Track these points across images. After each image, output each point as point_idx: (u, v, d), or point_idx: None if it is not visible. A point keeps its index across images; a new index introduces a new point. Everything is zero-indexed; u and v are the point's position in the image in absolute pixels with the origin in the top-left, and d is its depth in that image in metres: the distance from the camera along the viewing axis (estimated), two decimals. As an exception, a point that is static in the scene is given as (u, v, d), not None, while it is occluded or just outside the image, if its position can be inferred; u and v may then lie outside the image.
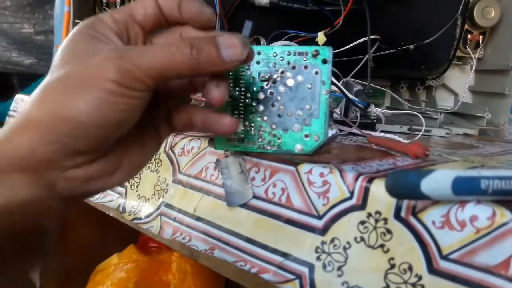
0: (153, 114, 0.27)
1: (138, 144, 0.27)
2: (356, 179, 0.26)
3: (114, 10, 0.26)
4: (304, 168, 0.29)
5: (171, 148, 0.38)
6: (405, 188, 0.21)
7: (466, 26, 0.61)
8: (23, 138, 0.22)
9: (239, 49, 0.24)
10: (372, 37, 0.51)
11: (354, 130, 0.45)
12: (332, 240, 0.27)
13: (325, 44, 0.50)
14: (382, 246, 0.24)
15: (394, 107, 0.66)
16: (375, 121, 0.52)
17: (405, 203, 0.24)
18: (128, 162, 0.26)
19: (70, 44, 0.24)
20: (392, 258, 0.24)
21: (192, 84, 0.28)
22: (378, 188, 0.25)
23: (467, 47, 0.64)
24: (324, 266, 0.27)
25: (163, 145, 0.38)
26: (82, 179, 0.24)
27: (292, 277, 0.28)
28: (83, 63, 0.22)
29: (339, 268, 0.26)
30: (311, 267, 0.27)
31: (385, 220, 0.24)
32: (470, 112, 0.64)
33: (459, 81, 0.68)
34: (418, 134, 0.50)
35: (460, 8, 0.54)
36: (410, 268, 0.23)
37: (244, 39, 0.24)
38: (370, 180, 0.25)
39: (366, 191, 0.25)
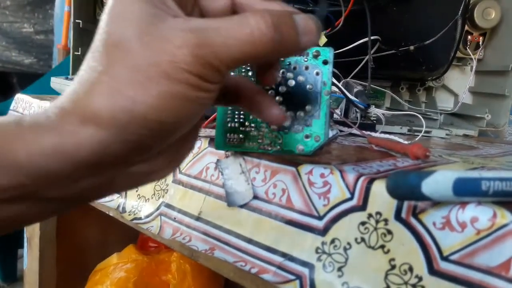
0: None
1: (193, 129, 0.24)
2: (357, 180, 0.26)
3: None
4: (304, 168, 0.29)
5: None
6: (406, 189, 0.21)
7: (466, 27, 0.61)
8: (91, 136, 0.19)
9: (315, 35, 0.21)
10: (372, 38, 0.51)
11: (355, 131, 0.45)
12: (333, 241, 0.27)
13: (326, 44, 0.50)
14: (382, 246, 0.24)
15: (394, 108, 0.66)
16: (375, 122, 0.52)
17: (405, 204, 0.24)
18: (183, 148, 0.24)
19: (124, 10, 0.20)
20: (392, 259, 0.24)
21: None
22: (379, 189, 0.25)
23: (467, 48, 0.64)
24: (325, 267, 0.27)
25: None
26: (143, 174, 0.22)
27: (293, 277, 0.28)
28: (149, 42, 0.19)
29: (340, 269, 0.26)
30: (311, 268, 0.27)
31: (386, 221, 0.24)
32: (470, 113, 0.64)
33: (459, 82, 0.68)
34: (418, 135, 0.50)
35: (461, 9, 0.54)
36: (411, 269, 0.23)
37: (318, 23, 0.22)
38: (371, 181, 0.26)
39: (366, 192, 0.25)
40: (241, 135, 0.32)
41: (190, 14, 0.23)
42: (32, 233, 0.68)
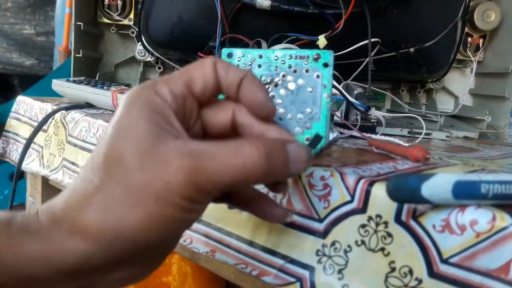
0: None
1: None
2: (357, 182, 0.26)
3: (170, 80, 0.23)
4: (305, 171, 0.29)
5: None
6: (406, 192, 0.22)
7: (466, 30, 0.61)
8: (76, 248, 0.19)
9: (304, 165, 0.23)
10: (372, 40, 0.51)
11: (355, 133, 0.45)
12: (333, 243, 0.27)
13: (326, 47, 0.50)
14: (382, 249, 0.24)
15: (394, 110, 0.66)
16: (375, 124, 0.52)
17: (405, 206, 0.24)
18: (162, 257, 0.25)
19: (127, 127, 0.21)
20: (392, 262, 0.24)
21: None
22: (379, 192, 0.25)
23: (467, 50, 0.64)
24: (325, 269, 0.27)
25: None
26: (122, 279, 0.22)
27: (293, 280, 0.28)
28: (147, 165, 0.20)
29: (340, 271, 0.26)
30: (311, 270, 0.27)
31: (386, 223, 0.24)
32: (470, 115, 0.65)
33: (459, 84, 0.68)
34: (418, 137, 0.50)
35: (461, 11, 0.54)
36: (411, 271, 0.23)
37: (310, 154, 0.23)
38: (371, 184, 0.26)
39: (367, 195, 0.26)
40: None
41: (193, 127, 0.24)
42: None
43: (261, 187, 0.28)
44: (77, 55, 0.60)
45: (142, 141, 0.20)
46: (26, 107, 0.63)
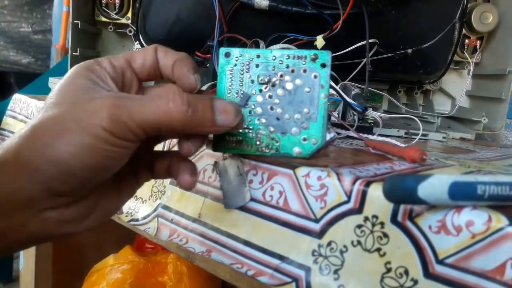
0: (135, 161, 0.27)
1: (116, 190, 0.28)
2: (354, 182, 0.26)
3: (113, 56, 0.27)
4: (301, 171, 0.29)
5: (170, 150, 0.38)
6: (402, 193, 0.22)
7: (464, 31, 0.62)
8: (8, 177, 0.22)
9: (232, 116, 0.26)
10: (370, 41, 0.51)
11: (352, 134, 0.45)
12: (329, 244, 0.27)
13: (324, 47, 0.50)
14: (378, 250, 0.24)
15: (391, 111, 0.66)
16: (372, 124, 0.52)
17: (401, 207, 0.24)
18: (102, 207, 0.27)
19: (67, 84, 0.24)
20: (388, 262, 0.24)
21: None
22: (375, 192, 0.25)
23: (464, 51, 0.64)
24: (321, 269, 0.27)
25: (161, 147, 0.38)
26: (55, 221, 0.24)
27: (289, 280, 0.28)
28: (78, 105, 0.23)
29: (336, 272, 0.26)
30: (307, 270, 0.27)
31: (382, 224, 0.24)
32: (467, 117, 0.65)
33: (457, 85, 0.68)
34: (415, 138, 0.51)
35: (458, 13, 0.54)
36: (406, 272, 0.23)
37: (238, 108, 0.26)
38: (368, 184, 0.26)
39: (363, 195, 0.26)
40: (238, 138, 0.32)
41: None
42: (28, 234, 0.67)
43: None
44: (74, 53, 0.60)
45: (78, 91, 0.24)
46: (22, 105, 0.62)
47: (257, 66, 0.32)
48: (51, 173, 0.22)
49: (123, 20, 0.65)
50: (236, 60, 0.32)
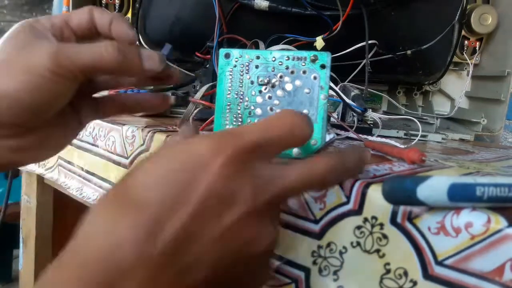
0: (77, 102, 0.32)
1: (62, 126, 0.31)
2: (353, 184, 0.26)
3: (52, 16, 0.31)
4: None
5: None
6: (402, 194, 0.22)
7: (463, 33, 0.62)
8: None
9: (156, 62, 0.29)
10: (370, 42, 0.51)
11: (351, 135, 0.45)
12: (328, 245, 0.27)
13: (324, 48, 0.50)
14: (378, 251, 0.24)
15: (391, 112, 0.66)
16: (371, 125, 0.52)
17: (401, 208, 0.24)
18: (52, 140, 0.31)
19: (11, 38, 0.28)
20: (387, 263, 0.24)
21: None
22: (375, 193, 0.25)
23: (464, 53, 0.64)
24: (320, 270, 0.27)
25: (156, 146, 0.38)
26: (10, 149, 0.29)
27: (288, 280, 0.28)
28: (23, 51, 0.27)
29: (335, 273, 0.26)
30: (307, 271, 0.27)
31: (381, 225, 0.24)
32: (466, 118, 0.65)
33: (456, 86, 0.68)
34: (414, 139, 0.51)
35: (458, 14, 0.54)
36: (406, 273, 0.23)
37: (162, 57, 0.30)
38: (367, 185, 0.26)
39: (362, 196, 0.26)
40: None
41: None
42: (28, 234, 0.68)
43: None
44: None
45: (22, 41, 0.27)
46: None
47: (256, 67, 0.32)
48: (2, 107, 0.26)
49: (123, 21, 0.65)
50: (236, 61, 0.32)
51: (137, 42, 0.32)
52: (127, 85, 0.35)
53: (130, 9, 0.65)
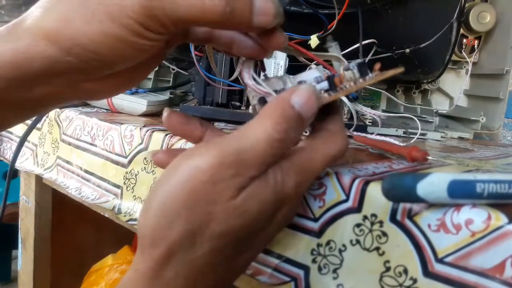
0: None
1: (144, 64, 0.26)
2: (352, 181, 0.26)
3: None
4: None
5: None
6: (401, 191, 0.21)
7: (461, 31, 0.62)
8: (42, 49, 0.22)
9: (270, 18, 0.23)
10: (369, 41, 0.51)
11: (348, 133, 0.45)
12: (328, 243, 0.27)
13: (318, 47, 0.50)
14: (377, 249, 0.24)
15: (390, 110, 0.66)
16: (371, 124, 0.52)
17: (401, 206, 0.24)
18: (132, 77, 0.27)
19: None
20: (387, 261, 0.24)
21: None
22: (374, 191, 0.25)
23: (462, 51, 0.64)
24: (320, 269, 0.27)
25: (159, 146, 0.38)
26: (89, 91, 0.25)
27: (288, 279, 0.28)
28: None
29: (335, 271, 0.26)
30: (306, 270, 0.27)
31: (381, 223, 0.24)
32: (465, 116, 0.65)
33: (455, 85, 0.68)
34: (413, 138, 0.51)
35: (456, 12, 0.54)
36: (405, 271, 0.23)
37: (279, 9, 0.23)
38: (366, 183, 0.26)
39: (362, 194, 0.25)
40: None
41: None
42: (26, 234, 0.67)
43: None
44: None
45: None
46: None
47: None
48: (80, 57, 0.22)
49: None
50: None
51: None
52: (222, 45, 0.27)
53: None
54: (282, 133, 0.22)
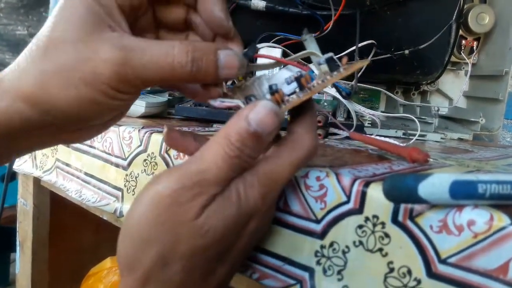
0: None
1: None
2: (353, 183, 0.26)
3: None
4: (300, 172, 0.29)
5: (167, 151, 0.38)
6: (403, 192, 0.21)
7: (460, 32, 0.62)
8: (21, 110, 0.23)
9: (235, 70, 0.24)
10: (368, 42, 0.51)
11: (343, 132, 0.45)
12: (331, 244, 0.26)
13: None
14: (380, 250, 0.24)
15: (389, 112, 0.66)
16: (370, 125, 0.52)
17: (402, 207, 0.24)
18: (110, 122, 0.28)
19: (70, 13, 0.23)
20: (391, 262, 0.24)
21: None
22: (375, 192, 0.25)
23: (461, 52, 0.64)
24: (324, 271, 0.26)
25: (158, 148, 0.38)
26: (70, 140, 0.28)
27: (293, 282, 0.28)
28: (84, 52, 0.22)
29: (339, 272, 0.26)
30: (311, 272, 0.27)
31: (383, 224, 0.24)
32: (465, 117, 0.65)
33: (454, 86, 0.68)
34: (412, 139, 0.50)
35: (455, 14, 0.54)
36: (409, 272, 0.23)
37: (243, 61, 0.25)
38: (367, 184, 0.25)
39: (363, 195, 0.25)
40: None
41: (140, 18, 0.27)
42: (24, 237, 0.67)
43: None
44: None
45: (80, 29, 0.22)
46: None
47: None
48: (58, 118, 0.23)
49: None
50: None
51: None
52: (188, 94, 0.28)
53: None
54: (237, 151, 0.23)
